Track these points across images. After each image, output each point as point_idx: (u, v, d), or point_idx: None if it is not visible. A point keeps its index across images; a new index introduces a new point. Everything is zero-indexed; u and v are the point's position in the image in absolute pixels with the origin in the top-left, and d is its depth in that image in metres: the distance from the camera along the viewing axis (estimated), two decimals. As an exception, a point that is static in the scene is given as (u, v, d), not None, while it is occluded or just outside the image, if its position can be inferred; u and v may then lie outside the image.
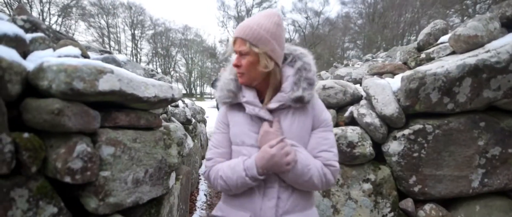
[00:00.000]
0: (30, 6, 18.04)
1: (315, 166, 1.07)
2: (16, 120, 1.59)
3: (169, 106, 4.35)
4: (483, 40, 2.31)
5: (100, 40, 23.35)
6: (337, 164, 1.12)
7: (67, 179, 1.55)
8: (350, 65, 7.20)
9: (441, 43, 2.76)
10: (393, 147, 2.39)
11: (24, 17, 1.94)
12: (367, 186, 2.38)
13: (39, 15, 18.64)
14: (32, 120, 1.55)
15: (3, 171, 1.41)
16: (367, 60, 6.35)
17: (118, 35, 25.04)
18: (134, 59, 25.76)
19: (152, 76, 2.45)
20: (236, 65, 1.11)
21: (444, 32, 2.92)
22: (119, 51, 24.32)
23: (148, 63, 27.23)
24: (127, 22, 25.88)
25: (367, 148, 2.36)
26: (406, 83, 2.29)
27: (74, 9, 21.18)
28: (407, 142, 2.35)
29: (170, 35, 28.01)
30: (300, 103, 1.10)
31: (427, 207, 2.39)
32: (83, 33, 22.19)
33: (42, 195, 1.53)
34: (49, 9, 19.31)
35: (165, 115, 3.90)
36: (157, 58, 27.49)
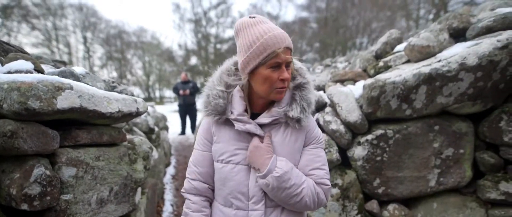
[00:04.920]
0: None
1: (308, 186, 1.00)
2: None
3: (132, 116, 4.18)
4: (435, 50, 2.50)
5: (47, 43, 21.74)
6: (329, 182, 1.07)
7: (24, 207, 1.43)
8: (311, 70, 7.40)
9: (397, 52, 2.95)
10: (358, 152, 2.49)
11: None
12: (334, 190, 2.45)
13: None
14: (-19, 144, 1.41)
15: None
16: (327, 65, 6.58)
17: (68, 37, 23.49)
18: (87, 63, 24.30)
19: (113, 88, 2.33)
20: (287, 79, 0.98)
21: (399, 41, 3.12)
22: (70, 54, 22.78)
23: (102, 67, 25.82)
24: (78, 24, 24.37)
25: (334, 154, 2.45)
26: (368, 91, 2.41)
27: (15, 10, 19.47)
28: (370, 146, 2.47)
29: (124, 38, 26.77)
30: (295, 123, 1.04)
31: (390, 207, 2.52)
32: (26, 35, 20.44)
33: (-6, 225, 1.39)
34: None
35: (126, 126, 3.73)
36: (111, 61, 26.20)
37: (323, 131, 2.64)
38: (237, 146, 1.07)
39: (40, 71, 1.77)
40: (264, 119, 1.05)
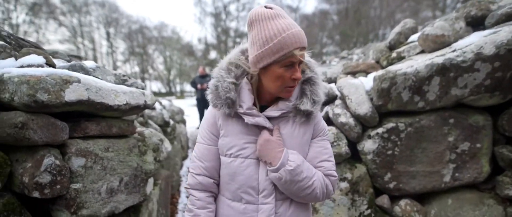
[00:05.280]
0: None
1: (319, 178, 1.01)
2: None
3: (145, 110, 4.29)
4: (450, 39, 2.39)
5: (73, 39, 22.58)
6: (336, 174, 1.08)
7: (36, 194, 1.51)
8: (327, 62, 7.27)
9: (411, 42, 2.84)
10: (368, 145, 2.44)
11: (-15, 25, 1.85)
12: (344, 184, 2.42)
13: (3, 14, 17.79)
14: (-5, 134, 1.49)
15: (-36, 189, 1.35)
16: (343, 57, 6.44)
17: (92, 33, 24.30)
18: (111, 58, 25.02)
19: (124, 81, 2.39)
20: (299, 79, 0.97)
21: (413, 31, 3.01)
22: (94, 50, 23.53)
23: (124, 62, 26.52)
24: (101, 20, 25.11)
25: (343, 148, 2.41)
26: (378, 83, 2.34)
27: (43, 7, 20.32)
28: (381, 140, 2.41)
29: (146, 33, 27.34)
30: (304, 117, 1.03)
31: (402, 202, 2.46)
32: (54, 32, 21.31)
33: (9, 211, 1.48)
34: (15, 7, 18.46)
35: (141, 119, 3.83)
36: (134, 56, 26.84)
37: (332, 123, 2.60)
38: (246, 140, 1.05)
39: (52, 65, 1.84)
40: (273, 112, 1.04)
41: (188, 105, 13.81)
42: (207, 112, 1.17)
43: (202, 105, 8.42)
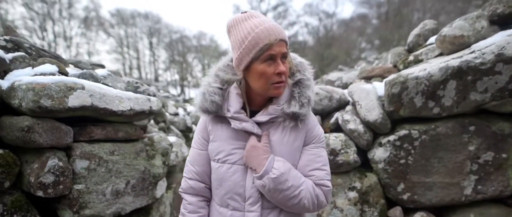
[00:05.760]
0: (53, 21, 18.96)
1: (307, 188, 0.96)
2: (-6, 137, 1.67)
3: (168, 115, 4.45)
4: (470, 40, 2.21)
5: (119, 49, 24.16)
6: (330, 183, 1.01)
7: (39, 193, 1.62)
8: (355, 67, 7.04)
9: (430, 44, 2.66)
10: (379, 153, 2.32)
11: (7, 37, 2.05)
12: (352, 194, 2.32)
13: (59, 27, 19.55)
14: (6, 137, 1.63)
15: (-24, 187, 1.49)
16: (369, 62, 6.20)
17: (136, 44, 25.84)
18: (152, 67, 26.38)
19: (136, 88, 2.51)
20: (283, 72, 0.94)
21: (434, 32, 2.81)
22: (138, 59, 24.99)
23: (165, 70, 27.83)
24: (145, 31, 26.59)
25: (351, 155, 2.31)
26: (388, 88, 2.23)
27: (94, 21, 22.04)
28: (393, 148, 2.28)
29: (185, 42, 28.43)
30: (293, 121, 0.99)
31: (417, 215, 2.30)
32: (102, 43, 23.03)
33: (16, 208, 1.61)
34: (69, 21, 20.21)
35: (163, 124, 3.98)
36: (174, 64, 28.02)
37: (341, 130, 2.51)
38: (234, 146, 1.03)
39: (64, 73, 1.99)
40: (261, 117, 1.01)
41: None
42: (200, 118, 1.18)
43: None
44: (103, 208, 1.93)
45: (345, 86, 3.13)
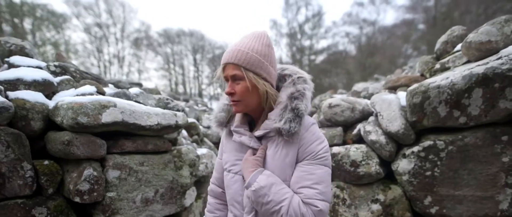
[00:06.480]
0: (108, 42, 20.93)
1: (291, 205, 0.93)
2: (43, 150, 1.94)
3: (201, 128, 4.66)
4: (498, 45, 2.09)
5: (166, 66, 25.75)
6: (321, 204, 0.95)
7: (77, 199, 1.83)
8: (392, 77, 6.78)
9: (457, 51, 2.55)
10: (403, 165, 2.25)
11: (57, 63, 2.36)
12: (375, 207, 2.26)
13: (114, 49, 21.46)
14: (51, 149, 1.88)
15: (26, 193, 1.74)
16: (404, 70, 5.94)
17: (182, 60, 27.40)
18: (197, 82, 27.75)
19: (167, 104, 2.71)
20: (230, 93, 1.02)
21: (462, 39, 2.66)
22: (183, 75, 26.44)
23: (208, 85, 29.13)
24: (189, 48, 28.09)
25: (373, 167, 2.27)
26: (410, 98, 2.18)
27: (144, 41, 23.87)
28: (417, 159, 2.20)
29: (227, 57, 29.63)
30: (286, 137, 0.99)
31: (448, 231, 2.18)
32: (151, 61, 24.79)
33: (58, 212, 1.83)
34: (122, 43, 22.12)
35: (196, 137, 4.18)
36: (217, 79, 29.27)
37: (364, 141, 2.48)
38: (237, 157, 1.10)
39: (101, 93, 2.23)
40: (258, 131, 1.05)
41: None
42: None
43: None
44: (133, 215, 2.11)
45: (370, 96, 3.08)
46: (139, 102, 2.37)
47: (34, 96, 1.87)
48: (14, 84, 1.93)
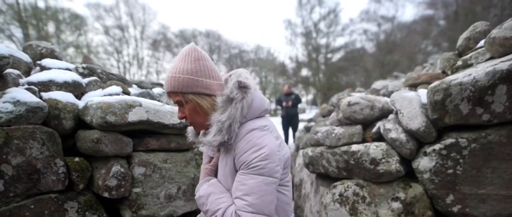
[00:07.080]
0: (127, 43, 21.51)
1: (225, 215, 0.96)
2: (73, 147, 2.04)
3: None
4: (524, 40, 2.04)
5: (184, 67, 26.47)
6: (247, 216, 0.94)
7: (105, 194, 1.92)
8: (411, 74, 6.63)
9: (480, 47, 2.49)
10: (424, 163, 2.23)
11: (84, 65, 2.48)
12: (396, 205, 2.25)
13: (134, 51, 22.07)
14: (82, 147, 1.98)
15: (59, 188, 1.84)
16: (424, 67, 5.81)
17: (199, 61, 27.95)
18: (214, 82, 28.56)
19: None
20: (182, 117, 1.08)
21: (485, 34, 2.60)
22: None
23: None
24: (206, 48, 28.45)
25: (393, 165, 2.26)
26: (431, 95, 2.16)
27: (162, 42, 24.37)
28: (439, 157, 2.18)
29: (244, 56, 29.64)
30: (221, 147, 1.03)
31: (471, 230, 2.14)
32: (168, 62, 25.37)
33: (88, 207, 1.92)
34: (142, 44, 22.69)
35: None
36: (233, 79, 29.56)
37: (383, 139, 2.47)
38: (205, 165, 1.21)
39: (127, 93, 2.33)
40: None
41: (279, 123, 14.28)
42: None
43: (286, 122, 8.56)
44: (157, 210, 2.19)
45: (390, 95, 3.05)
46: (161, 102, 2.44)
47: (65, 97, 1.98)
48: (47, 85, 2.04)
